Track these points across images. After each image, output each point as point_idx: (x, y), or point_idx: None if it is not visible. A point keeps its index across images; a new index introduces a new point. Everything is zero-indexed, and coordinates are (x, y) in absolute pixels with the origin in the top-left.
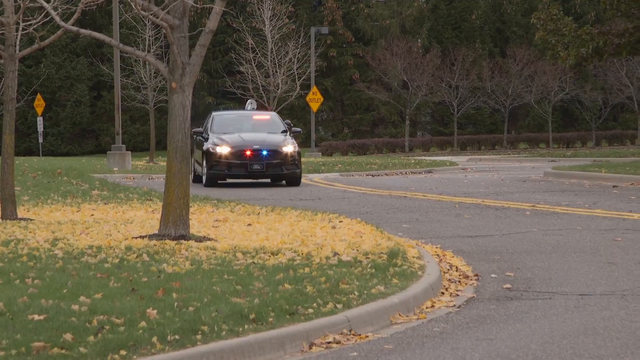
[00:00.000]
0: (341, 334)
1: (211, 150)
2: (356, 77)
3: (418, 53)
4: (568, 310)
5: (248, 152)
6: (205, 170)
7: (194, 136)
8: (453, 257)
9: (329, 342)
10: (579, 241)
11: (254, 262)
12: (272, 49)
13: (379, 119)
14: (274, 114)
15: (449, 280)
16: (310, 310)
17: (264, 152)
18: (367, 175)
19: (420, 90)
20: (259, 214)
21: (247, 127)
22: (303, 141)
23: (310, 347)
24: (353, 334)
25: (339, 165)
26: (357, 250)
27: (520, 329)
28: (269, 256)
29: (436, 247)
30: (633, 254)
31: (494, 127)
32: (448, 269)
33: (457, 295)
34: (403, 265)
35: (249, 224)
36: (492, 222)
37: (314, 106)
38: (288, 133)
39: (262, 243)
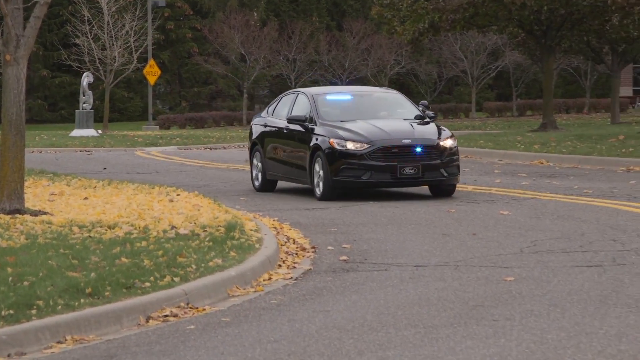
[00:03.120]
0: (179, 307)
1: (337, 146)
2: (194, 51)
3: (255, 26)
4: (403, 282)
5: (395, 150)
6: (322, 174)
7: (262, 125)
8: (290, 229)
9: (166, 316)
10: (414, 213)
11: (90, 236)
12: (108, 21)
13: (217, 92)
14: (394, 91)
15: (287, 252)
16: (148, 284)
17: (419, 150)
18: (205, 148)
19: (257, 63)
20: (95, 187)
21: (367, 112)
22: (140, 115)
23: (147, 321)
24: (190, 307)
25: (177, 139)
26: (195, 223)
27: (357, 300)
28: (106, 230)
29: (274, 220)
30: (466, 225)
31: None
32: (285, 242)
33: (294, 267)
34: (241, 238)
35: (86, 198)
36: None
37: (152, 79)
38: (425, 118)
39: (98, 217)
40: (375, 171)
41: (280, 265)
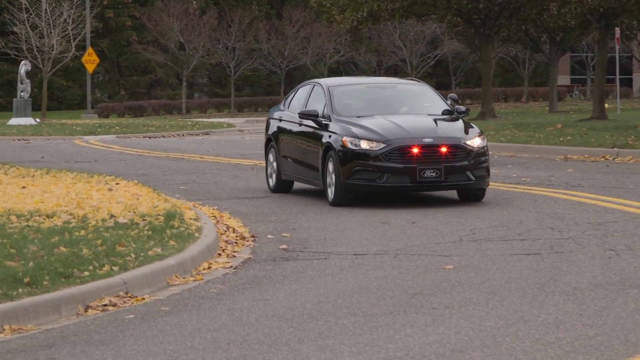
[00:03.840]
0: (118, 296)
1: (350, 145)
2: (133, 39)
3: (195, 15)
4: (343, 270)
5: (416, 150)
6: (334, 178)
7: (277, 119)
8: (230, 218)
9: (105, 305)
10: (354, 201)
11: (28, 225)
12: (46, 9)
13: (156, 80)
14: (421, 82)
15: (226, 241)
16: (87, 273)
17: (442, 150)
18: (144, 137)
19: (197, 52)
20: (33, 176)
21: (388, 106)
22: (78, 103)
23: (86, 310)
24: (130, 296)
25: (116, 127)
26: (134, 212)
27: (296, 289)
28: (44, 219)
29: (213, 209)
30: (406, 213)
31: (270, 89)
32: (225, 231)
33: (234, 256)
34: (180, 227)
35: (24, 187)
36: None
37: (90, 67)
38: (454, 114)
39: (37, 206)
40: (392, 174)
41: (220, 254)
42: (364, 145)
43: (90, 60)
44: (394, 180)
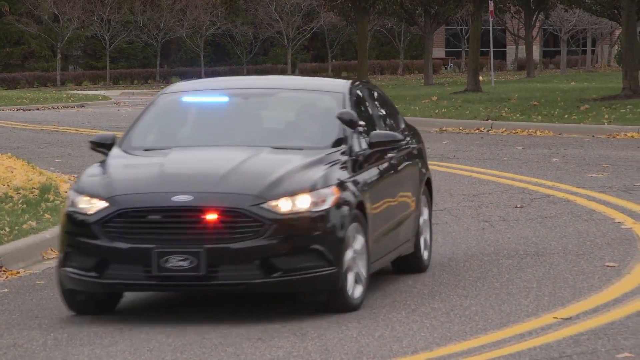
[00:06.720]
0: None
1: (68, 206)
2: (6, 10)
3: None
4: None
5: (154, 216)
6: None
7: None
8: None
9: None
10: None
11: None
12: None
13: (29, 52)
14: (333, 85)
15: None
16: None
17: (208, 217)
18: (18, 109)
19: (71, 23)
20: None
21: (224, 132)
22: None
23: None
24: (4, 271)
25: None
26: (8, 185)
27: None
28: None
29: None
30: None
31: (146, 61)
32: None
33: None
34: (55, 201)
35: None
36: None
37: None
38: (348, 146)
39: None
40: (115, 261)
41: None
42: (82, 204)
43: None
44: (117, 272)
